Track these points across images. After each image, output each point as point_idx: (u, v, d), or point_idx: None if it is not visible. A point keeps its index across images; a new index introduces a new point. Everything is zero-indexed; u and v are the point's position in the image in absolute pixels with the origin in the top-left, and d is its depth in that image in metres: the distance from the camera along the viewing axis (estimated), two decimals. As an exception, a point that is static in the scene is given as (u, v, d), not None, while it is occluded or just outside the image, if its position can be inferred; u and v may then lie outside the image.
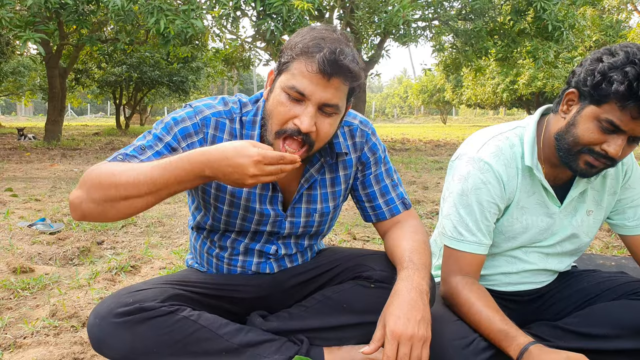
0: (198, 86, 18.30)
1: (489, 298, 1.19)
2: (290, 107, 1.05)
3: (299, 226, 1.29)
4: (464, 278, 1.23)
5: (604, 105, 1.08)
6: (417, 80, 38.91)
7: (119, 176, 0.98)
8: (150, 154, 1.08)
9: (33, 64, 16.46)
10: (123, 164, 1.03)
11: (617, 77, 1.04)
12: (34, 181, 5.05)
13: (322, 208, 1.29)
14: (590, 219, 1.34)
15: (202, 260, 1.38)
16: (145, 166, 0.99)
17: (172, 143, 1.11)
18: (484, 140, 1.28)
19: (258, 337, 1.19)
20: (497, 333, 1.11)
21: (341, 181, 1.30)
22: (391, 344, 1.00)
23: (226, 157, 0.95)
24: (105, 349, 1.09)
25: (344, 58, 1.02)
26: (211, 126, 1.16)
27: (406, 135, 16.84)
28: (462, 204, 1.25)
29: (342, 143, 1.25)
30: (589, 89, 1.10)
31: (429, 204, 4.02)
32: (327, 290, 1.29)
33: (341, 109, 1.09)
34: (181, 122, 1.14)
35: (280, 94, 1.07)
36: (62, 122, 11.07)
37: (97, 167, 1.03)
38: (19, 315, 1.71)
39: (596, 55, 1.11)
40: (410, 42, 9.20)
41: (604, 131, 1.10)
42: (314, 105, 1.04)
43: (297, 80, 1.03)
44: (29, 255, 2.41)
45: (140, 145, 1.09)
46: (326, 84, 1.03)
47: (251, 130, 1.19)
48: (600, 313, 1.27)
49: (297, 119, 1.04)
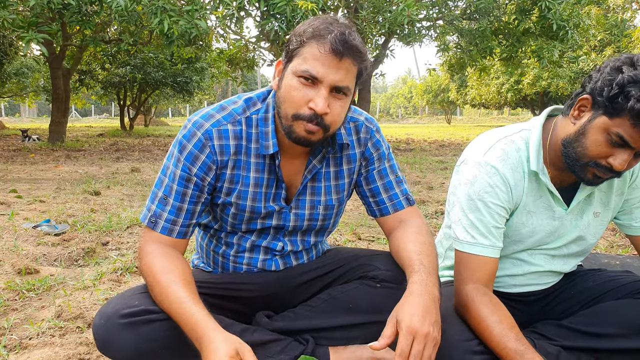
0: (202, 87, 18.34)
1: (502, 312, 1.15)
2: (304, 91, 1.07)
3: (303, 218, 1.29)
4: (476, 288, 1.20)
5: (617, 118, 1.06)
6: (421, 80, 38.92)
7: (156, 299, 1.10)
8: (172, 201, 1.17)
9: (36, 65, 16.52)
10: (163, 280, 1.08)
11: (635, 94, 1.01)
12: (38, 182, 5.07)
13: (326, 201, 1.30)
14: (597, 221, 1.33)
15: (209, 259, 1.38)
16: (171, 304, 1.05)
17: (184, 175, 1.16)
18: (489, 143, 1.27)
19: (264, 337, 1.20)
20: (509, 351, 1.07)
21: (345, 175, 1.31)
22: (406, 339, 0.99)
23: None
24: (110, 350, 1.10)
25: (353, 39, 1.06)
26: (214, 137, 1.17)
27: (411, 136, 16.82)
28: (470, 208, 1.23)
29: (344, 135, 1.25)
30: (604, 100, 1.07)
31: (434, 204, 4.01)
32: (333, 290, 1.29)
33: (351, 92, 1.12)
34: (184, 148, 1.16)
35: (292, 79, 1.09)
36: (66, 124, 11.11)
37: (147, 262, 1.14)
38: (24, 316, 1.72)
39: (617, 64, 1.07)
40: (414, 42, 9.19)
41: (611, 144, 1.08)
42: (326, 87, 1.06)
43: (310, 64, 1.06)
44: (34, 256, 2.42)
45: (161, 197, 1.18)
46: (338, 65, 1.06)
47: (264, 127, 1.19)
48: (606, 312, 1.26)
49: (311, 102, 1.07)
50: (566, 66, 13.77)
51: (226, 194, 1.23)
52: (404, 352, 0.98)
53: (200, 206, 1.20)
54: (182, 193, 1.17)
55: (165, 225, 1.17)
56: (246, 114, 1.21)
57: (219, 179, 1.21)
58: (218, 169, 1.19)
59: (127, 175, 5.80)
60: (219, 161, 1.18)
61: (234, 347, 0.95)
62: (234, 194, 1.22)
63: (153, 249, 1.14)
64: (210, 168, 1.18)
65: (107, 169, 6.43)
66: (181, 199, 1.17)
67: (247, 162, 1.21)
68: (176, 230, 1.18)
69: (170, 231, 1.17)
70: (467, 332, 1.18)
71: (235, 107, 1.21)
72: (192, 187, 1.17)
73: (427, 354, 0.99)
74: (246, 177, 1.22)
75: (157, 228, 1.17)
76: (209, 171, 1.18)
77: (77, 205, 3.79)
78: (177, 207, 1.17)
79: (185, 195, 1.17)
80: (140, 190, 4.67)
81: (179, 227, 1.18)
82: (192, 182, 1.17)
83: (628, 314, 1.23)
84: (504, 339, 1.09)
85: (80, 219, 3.27)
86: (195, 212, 1.20)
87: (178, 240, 1.19)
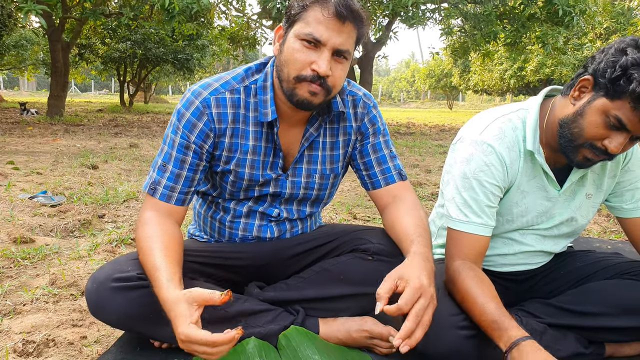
0: (203, 64, 18.19)
1: (487, 285, 1.16)
2: (307, 53, 1.09)
3: (299, 186, 1.31)
4: (463, 263, 1.21)
5: (617, 101, 1.05)
6: (424, 64, 38.58)
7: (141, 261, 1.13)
8: (171, 168, 1.20)
9: (35, 38, 16.35)
10: (145, 247, 1.11)
11: (638, 77, 1.00)
12: (36, 155, 5.06)
13: (321, 170, 1.32)
14: (589, 202, 1.33)
15: (206, 225, 1.40)
16: (149, 271, 1.07)
17: (183, 142, 1.19)
18: (486, 122, 1.26)
19: (255, 306, 1.21)
20: (490, 323, 1.08)
21: (340, 146, 1.33)
22: (415, 292, 0.98)
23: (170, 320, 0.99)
24: (102, 314, 1.12)
25: (354, 4, 1.10)
26: (212, 105, 1.19)
27: (412, 120, 16.76)
28: (464, 186, 1.23)
29: (340, 103, 1.27)
30: (605, 82, 1.06)
31: (431, 186, 4.02)
32: (325, 262, 1.30)
33: (351, 56, 1.15)
34: (183, 116, 1.19)
35: (295, 42, 1.10)
36: (65, 98, 11.04)
37: (139, 229, 1.16)
38: (18, 284, 1.73)
39: (621, 46, 1.06)
40: (418, 24, 9.07)
41: (609, 127, 1.08)
42: (329, 50, 1.09)
43: (313, 27, 1.08)
44: (30, 226, 2.42)
45: (161, 164, 1.21)
46: (340, 28, 1.08)
47: (263, 95, 1.21)
48: (594, 291, 1.27)
49: (314, 64, 1.09)
50: (570, 53, 13.66)
51: (225, 162, 1.24)
52: (408, 301, 0.97)
53: (199, 174, 1.22)
54: (180, 160, 1.19)
55: (164, 192, 1.19)
56: (245, 82, 1.22)
57: (217, 148, 1.23)
58: (216, 137, 1.21)
59: (126, 150, 5.78)
60: (217, 129, 1.20)
61: (186, 301, 0.95)
62: (232, 162, 1.24)
63: (149, 217, 1.16)
64: (208, 136, 1.20)
65: (105, 143, 6.42)
66: (180, 166, 1.19)
67: (246, 131, 1.23)
68: (174, 197, 1.20)
69: (169, 198, 1.19)
70: (454, 308, 1.19)
71: (234, 76, 1.23)
72: (190, 155, 1.19)
73: (428, 314, 0.99)
74: (245, 145, 1.23)
75: (157, 195, 1.19)
76: (207, 139, 1.20)
77: (74, 178, 3.79)
78: (175, 174, 1.19)
79: (184, 163, 1.19)
80: (138, 165, 4.67)
81: (177, 193, 1.20)
82: (190, 150, 1.19)
83: (615, 293, 1.24)
84: (484, 308, 1.10)
85: (77, 191, 3.27)
86: (194, 179, 1.22)
87: (176, 208, 1.20)
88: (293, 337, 1.20)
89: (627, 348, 1.31)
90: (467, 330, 1.15)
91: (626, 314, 1.21)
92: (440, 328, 1.15)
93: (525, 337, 1.03)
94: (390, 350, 1.26)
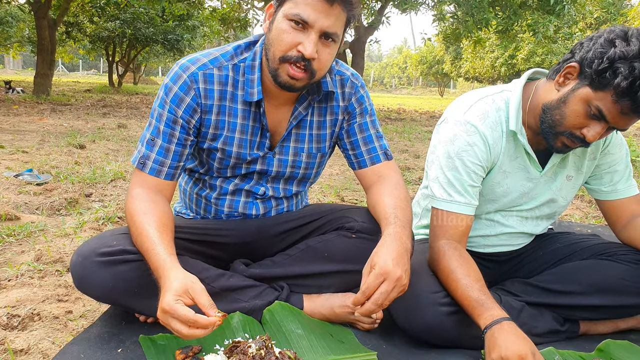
0: (193, 46, 17.89)
1: (470, 265, 1.18)
2: (293, 34, 1.08)
3: (286, 165, 1.32)
4: (448, 242, 1.23)
5: (600, 92, 1.07)
6: (416, 50, 38.40)
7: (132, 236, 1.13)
8: (160, 142, 1.19)
9: (21, 14, 15.95)
10: (138, 221, 1.10)
11: (623, 71, 1.01)
12: (22, 134, 4.99)
13: (308, 148, 1.33)
14: (570, 184, 1.36)
15: (192, 202, 1.40)
16: (143, 244, 1.07)
17: (171, 117, 1.18)
18: (470, 102, 1.28)
19: (240, 282, 1.23)
20: (472, 302, 1.10)
21: (327, 126, 1.33)
22: (377, 278, 1.01)
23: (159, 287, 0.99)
24: (87, 287, 1.12)
25: None
26: (200, 80, 1.18)
27: (402, 106, 16.75)
28: (448, 166, 1.25)
29: (330, 83, 1.26)
30: (591, 72, 1.07)
31: (419, 171, 4.05)
32: (310, 239, 1.32)
33: (339, 39, 1.13)
34: (170, 90, 1.18)
35: (283, 22, 1.09)
36: (52, 76, 10.82)
37: (130, 204, 1.15)
38: (3, 260, 1.73)
39: (610, 37, 1.07)
40: (411, 9, 9.04)
41: (589, 116, 1.10)
42: (316, 32, 1.08)
43: (301, 8, 1.06)
44: (15, 204, 2.41)
45: (149, 138, 1.20)
46: (329, 10, 1.06)
47: (251, 75, 1.21)
48: (570, 271, 1.31)
49: (300, 46, 1.08)
50: (561, 42, 13.70)
51: (211, 139, 1.24)
52: (369, 288, 1.01)
53: (187, 149, 1.22)
54: (169, 134, 1.19)
55: (154, 167, 1.19)
56: (234, 60, 1.22)
57: (203, 125, 1.22)
58: (202, 112, 1.21)
59: (114, 130, 5.72)
60: (203, 104, 1.20)
61: (185, 285, 0.95)
62: (219, 139, 1.24)
63: (139, 192, 1.16)
64: (195, 110, 1.20)
65: (93, 124, 6.34)
66: (168, 140, 1.19)
67: (234, 109, 1.23)
68: (164, 172, 1.19)
69: (159, 172, 1.19)
70: (435, 285, 1.22)
71: (223, 53, 1.22)
72: (178, 129, 1.19)
73: (392, 296, 1.02)
74: (232, 122, 1.23)
75: (146, 169, 1.19)
76: (194, 113, 1.20)
77: (61, 157, 3.75)
78: (165, 148, 1.19)
79: (172, 137, 1.19)
80: (126, 145, 4.63)
81: (166, 168, 1.20)
82: (178, 124, 1.19)
83: (590, 273, 1.28)
84: (468, 289, 1.13)
85: (64, 170, 3.24)
86: (183, 154, 1.21)
87: (165, 183, 1.20)
88: (277, 312, 1.22)
89: (600, 326, 1.35)
90: (447, 307, 1.18)
91: (600, 292, 1.25)
92: (421, 305, 1.18)
93: (505, 317, 1.06)
94: (372, 326, 1.29)
